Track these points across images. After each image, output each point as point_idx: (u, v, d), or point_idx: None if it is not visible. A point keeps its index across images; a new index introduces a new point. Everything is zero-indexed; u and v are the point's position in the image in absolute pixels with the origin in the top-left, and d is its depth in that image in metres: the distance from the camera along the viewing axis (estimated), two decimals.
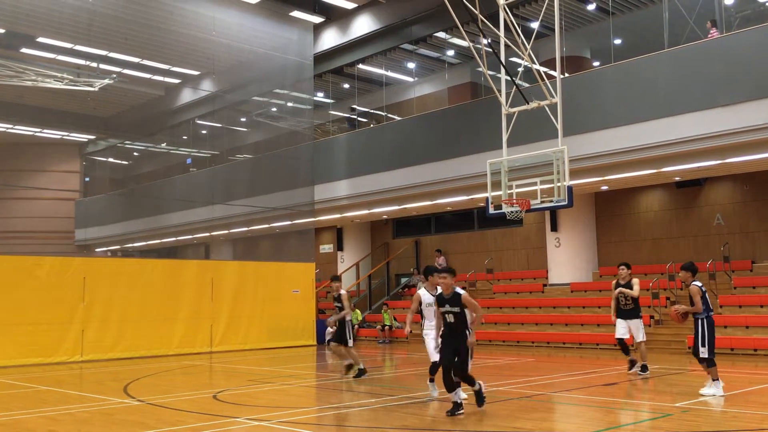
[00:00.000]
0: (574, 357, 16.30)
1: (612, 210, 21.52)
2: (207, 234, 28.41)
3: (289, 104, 27.05)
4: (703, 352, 9.82)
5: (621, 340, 12.44)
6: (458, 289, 8.68)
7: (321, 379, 14.34)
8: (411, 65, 25.19)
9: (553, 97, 13.96)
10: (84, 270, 18.20)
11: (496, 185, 14.49)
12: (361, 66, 24.48)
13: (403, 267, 26.96)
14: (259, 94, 26.86)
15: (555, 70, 14.32)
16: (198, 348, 19.51)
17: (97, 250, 34.05)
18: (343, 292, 13.03)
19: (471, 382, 8.75)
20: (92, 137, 34.05)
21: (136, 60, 25.01)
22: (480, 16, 13.97)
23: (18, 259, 17.88)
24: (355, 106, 26.83)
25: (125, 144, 34.11)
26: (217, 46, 23.13)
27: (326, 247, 29.31)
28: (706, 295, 10.13)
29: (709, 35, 16.74)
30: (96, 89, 25.14)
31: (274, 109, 28.04)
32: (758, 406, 9.12)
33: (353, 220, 26.29)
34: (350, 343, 12.88)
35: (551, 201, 13.61)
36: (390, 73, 25.59)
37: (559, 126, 13.82)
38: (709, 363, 9.83)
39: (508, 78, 14.59)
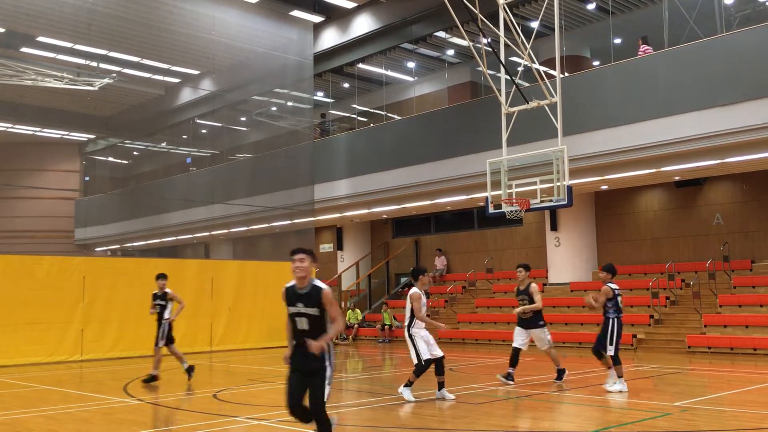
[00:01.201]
0: (574, 356, 16.29)
1: (612, 209, 21.53)
2: (207, 233, 28.41)
3: (289, 104, 27.05)
4: (611, 350, 10.45)
5: (516, 350, 11.35)
6: (318, 282, 5.91)
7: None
8: (411, 65, 25.20)
9: (553, 96, 13.97)
10: (84, 269, 18.21)
11: (496, 185, 14.50)
12: (361, 65, 24.49)
13: (403, 266, 26.96)
14: (259, 94, 26.85)
15: (555, 70, 14.33)
16: (198, 347, 19.50)
17: (97, 249, 34.05)
18: (169, 290, 12.66)
19: (326, 427, 5.85)
20: (92, 137, 34.06)
21: (136, 59, 25.01)
22: (480, 15, 13.98)
23: (18, 259, 17.88)
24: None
25: (125, 143, 34.11)
26: (217, 46, 23.13)
27: (326, 247, 29.32)
28: (619, 298, 10.72)
29: (640, 53, 16.94)
30: (96, 89, 25.14)
31: (274, 109, 28.03)
32: (757, 406, 9.13)
33: (353, 219, 26.30)
34: (160, 343, 12.55)
35: (551, 200, 13.62)
36: (390, 73, 25.59)
37: (558, 125, 13.83)
38: (615, 361, 10.44)
39: (508, 77, 14.59)
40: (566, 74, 17.86)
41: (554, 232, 21.36)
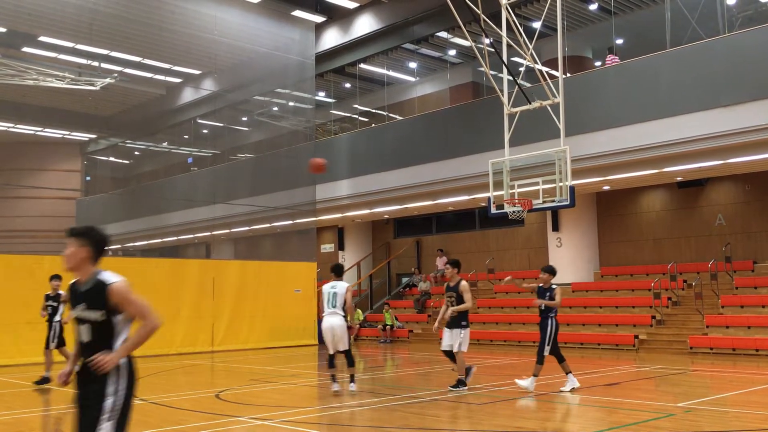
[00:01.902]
0: (576, 357, 16.29)
1: (614, 210, 21.52)
2: (208, 233, 28.40)
3: (291, 104, 27.05)
4: (547, 350, 10.57)
5: (447, 353, 10.75)
6: (106, 275, 4.34)
7: (323, 378, 14.32)
8: (412, 65, 25.19)
9: (555, 96, 13.96)
10: None
11: (498, 185, 14.49)
12: (362, 65, 24.48)
13: (405, 267, 26.95)
14: (260, 94, 26.85)
15: (557, 70, 14.32)
16: (199, 347, 19.50)
17: None
18: (62, 291, 12.31)
19: None
20: (93, 136, 34.06)
21: (137, 59, 25.01)
22: (482, 15, 13.97)
23: (19, 258, 17.86)
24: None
25: (126, 143, 34.11)
26: (219, 46, 23.13)
27: (327, 247, 29.31)
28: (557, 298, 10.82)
29: (607, 62, 17.04)
30: (97, 88, 25.13)
31: (276, 109, 28.03)
32: (760, 407, 9.11)
33: (354, 219, 26.30)
34: (51, 345, 12.40)
35: (553, 201, 13.61)
36: (391, 73, 25.59)
37: (561, 126, 13.82)
38: (540, 360, 10.56)
39: (510, 78, 14.59)
40: (568, 74, 17.85)
41: (556, 232, 21.35)
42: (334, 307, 10.62)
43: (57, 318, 12.47)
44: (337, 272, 11.01)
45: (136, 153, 35.27)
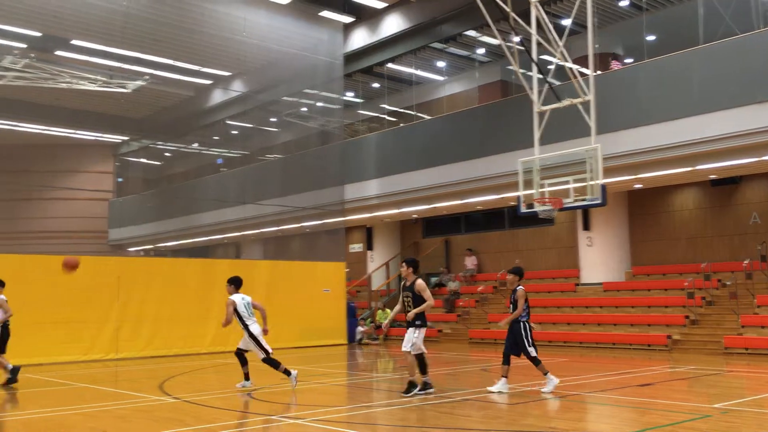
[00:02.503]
0: (608, 357, 16.12)
1: (646, 208, 21.25)
2: (238, 233, 28.64)
3: (319, 104, 27.17)
4: (532, 351, 10.40)
5: (417, 356, 10.38)
6: None
7: (353, 377, 14.37)
8: (441, 64, 25.14)
9: (586, 94, 13.83)
10: (118, 269, 18.47)
11: (528, 184, 14.41)
12: (390, 65, 24.49)
13: (433, 266, 26.90)
14: (289, 94, 27.00)
15: (587, 68, 14.18)
16: (230, 346, 19.57)
17: (130, 249, 34.54)
18: (3, 296, 12.26)
19: None
20: (126, 138, 34.54)
21: (168, 61, 25.31)
22: (511, 13, 13.90)
23: (55, 259, 18.17)
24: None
25: (157, 145, 34.55)
26: (248, 47, 23.31)
27: (356, 247, 29.37)
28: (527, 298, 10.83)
29: (612, 68, 16.88)
30: (129, 91, 25.49)
31: (304, 109, 28.17)
32: None
33: (383, 219, 26.32)
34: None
35: (585, 200, 13.49)
36: (420, 72, 25.57)
37: (592, 124, 13.69)
38: (536, 361, 10.39)
39: (540, 76, 14.48)
40: (599, 72, 17.67)
41: (586, 231, 21.14)
42: (252, 316, 11.56)
43: None
44: (238, 284, 11.76)
45: (167, 154, 35.71)
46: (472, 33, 21.93)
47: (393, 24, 22.98)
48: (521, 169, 14.58)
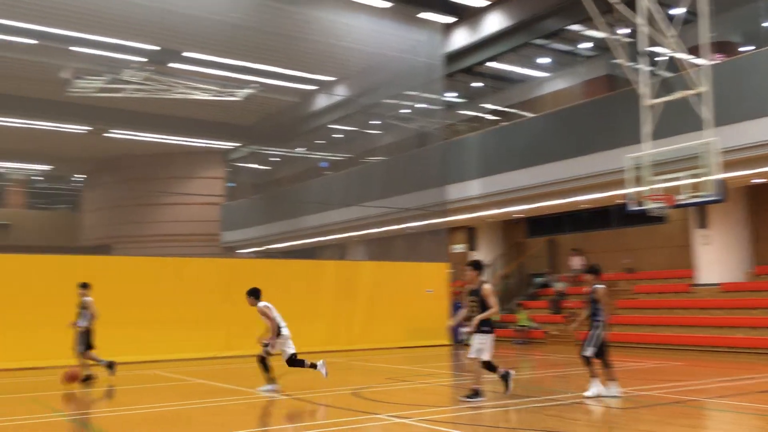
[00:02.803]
0: (727, 362, 15.28)
1: None
2: (343, 235, 29.17)
3: (420, 105, 27.29)
4: (589, 351, 10.01)
5: (484, 363, 10.17)
6: None
7: (458, 378, 14.33)
8: (543, 60, 24.67)
9: (699, 86, 13.19)
10: (229, 270, 19.23)
11: (636, 181, 13.89)
12: (491, 64, 24.25)
13: (537, 267, 26.40)
14: (390, 97, 27.28)
15: (700, 58, 13.52)
16: (337, 346, 20.04)
17: (241, 251, 35.91)
18: (88, 298, 12.76)
19: None
20: (236, 145, 35.98)
21: (275, 69, 26.15)
22: (618, 4, 13.46)
23: (171, 260, 19.19)
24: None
25: (265, 150, 35.78)
26: (350, 52, 23.72)
27: (459, 247, 29.26)
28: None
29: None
30: (239, 99, 26.53)
31: (405, 111, 28.38)
32: None
33: (486, 219, 26.10)
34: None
35: (700, 196, 12.86)
36: (521, 70, 25.19)
37: (708, 116, 13.04)
38: (587, 362, 10.04)
39: (649, 68, 13.94)
40: (714, 62, 16.81)
41: (702, 229, 20.12)
42: (283, 320, 11.64)
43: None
44: (258, 295, 11.84)
45: (274, 159, 36.90)
46: (575, 27, 21.39)
47: (494, 22, 22.75)
48: (630, 166, 14.08)
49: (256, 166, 37.75)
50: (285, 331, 11.54)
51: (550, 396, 10.40)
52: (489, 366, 10.22)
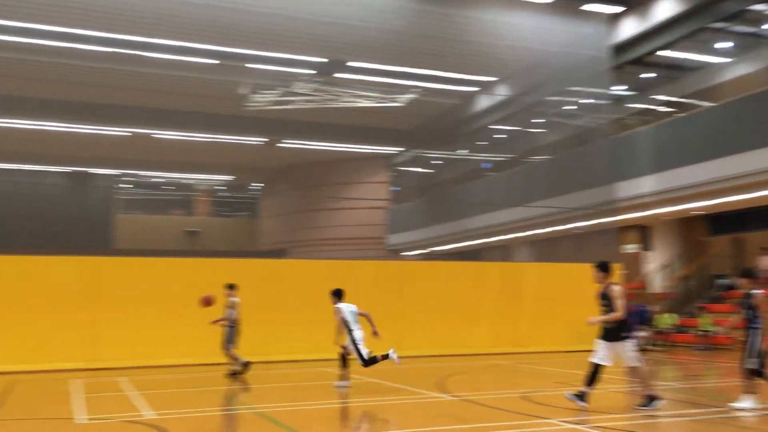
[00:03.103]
0: None
1: None
2: (507, 236, 28.84)
3: (585, 101, 26.35)
4: (752, 363, 9.27)
5: (594, 365, 9.79)
6: None
7: (633, 384, 13.64)
8: (722, 45, 22.89)
9: None
10: (397, 273, 19.66)
11: None
12: (664, 52, 22.86)
13: (720, 267, 24.50)
14: (553, 94, 26.60)
15: None
16: (501, 348, 19.83)
17: (406, 254, 36.61)
18: (235, 299, 13.58)
19: None
20: (399, 149, 36.77)
21: (436, 73, 26.42)
22: None
23: (339, 263, 19.93)
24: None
25: (427, 153, 36.25)
26: (512, 51, 23.40)
27: (631, 247, 27.88)
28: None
29: None
30: (401, 104, 27.09)
31: (570, 108, 27.54)
32: None
33: (660, 217, 24.65)
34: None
35: None
36: (698, 57, 23.55)
37: None
38: (750, 374, 9.32)
39: None
40: None
41: None
42: (357, 323, 12.22)
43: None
44: (340, 295, 12.47)
45: (437, 162, 37.27)
46: (759, 7, 19.65)
47: (666, 8, 21.42)
48: None
49: (419, 169, 38.33)
50: (357, 333, 12.11)
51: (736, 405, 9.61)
52: (596, 370, 9.74)
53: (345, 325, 12.13)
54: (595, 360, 9.78)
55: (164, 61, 24.36)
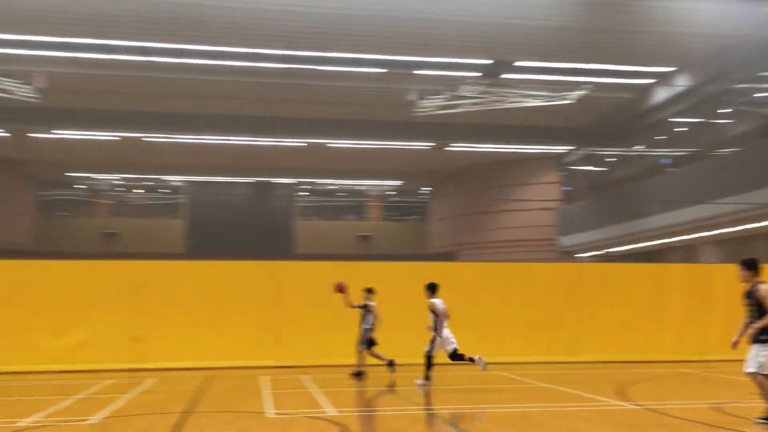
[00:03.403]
0: None
1: None
2: (691, 236, 27.01)
3: None
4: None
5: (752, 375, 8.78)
6: None
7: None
8: None
9: None
10: (571, 275, 19.04)
11: None
12: None
13: None
14: (741, 81, 24.61)
15: None
16: (687, 355, 18.55)
17: (580, 255, 35.40)
18: (372, 303, 13.93)
19: None
20: (570, 148, 35.69)
21: (607, 67, 25.41)
22: None
23: (510, 266, 19.66)
24: None
25: (600, 151, 34.84)
26: (692, 38, 21.99)
27: None
28: None
29: None
30: (572, 101, 26.29)
31: (761, 95, 25.30)
32: None
33: None
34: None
35: None
36: None
37: None
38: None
39: None
40: None
41: None
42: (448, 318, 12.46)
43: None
44: (434, 289, 12.83)
45: (611, 159, 35.73)
46: None
47: None
48: None
49: (591, 168, 36.95)
50: (446, 330, 12.47)
51: None
52: None
53: (440, 320, 12.45)
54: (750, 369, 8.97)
55: (335, 73, 25.52)
